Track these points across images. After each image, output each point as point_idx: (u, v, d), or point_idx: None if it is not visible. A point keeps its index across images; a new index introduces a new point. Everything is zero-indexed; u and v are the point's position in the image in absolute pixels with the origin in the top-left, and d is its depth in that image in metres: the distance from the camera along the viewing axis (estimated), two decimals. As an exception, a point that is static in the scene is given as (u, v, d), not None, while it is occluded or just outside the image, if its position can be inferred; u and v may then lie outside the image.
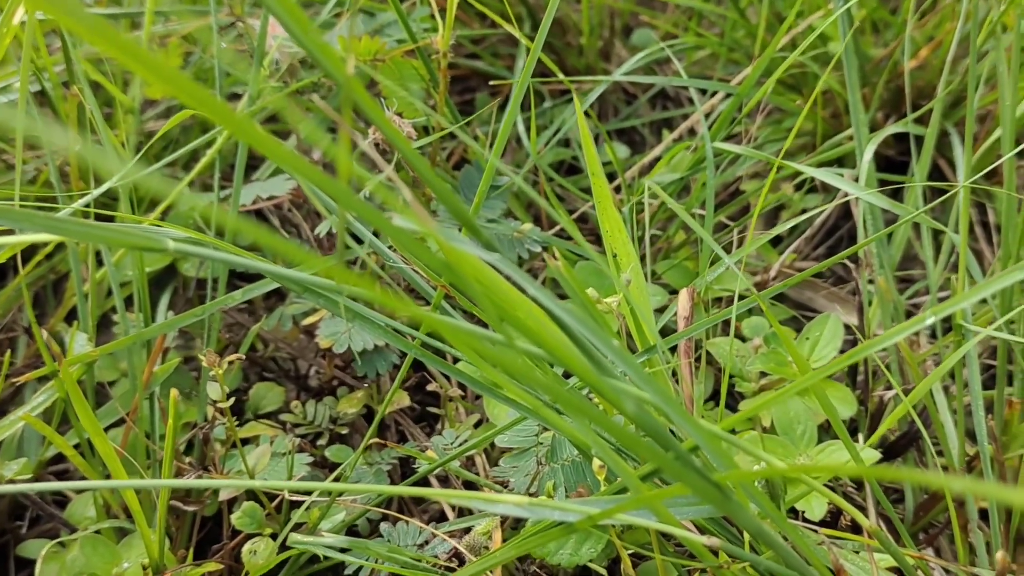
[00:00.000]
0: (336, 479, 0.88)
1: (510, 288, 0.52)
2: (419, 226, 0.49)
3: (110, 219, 0.85)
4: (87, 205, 0.75)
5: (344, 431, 0.91)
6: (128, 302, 0.96)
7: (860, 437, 0.86)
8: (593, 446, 0.60)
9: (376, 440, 0.77)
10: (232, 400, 0.77)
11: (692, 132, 1.16)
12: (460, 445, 0.82)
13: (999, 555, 0.60)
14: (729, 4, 1.12)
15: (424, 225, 0.48)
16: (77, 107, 0.82)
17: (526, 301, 0.53)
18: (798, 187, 1.12)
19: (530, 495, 0.79)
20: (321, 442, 0.90)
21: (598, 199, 0.67)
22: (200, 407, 0.91)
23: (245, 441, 0.90)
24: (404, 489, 0.66)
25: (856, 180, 0.88)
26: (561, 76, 1.00)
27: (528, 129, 1.09)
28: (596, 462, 0.64)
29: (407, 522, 0.80)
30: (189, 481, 0.74)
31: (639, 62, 1.03)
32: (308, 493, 0.79)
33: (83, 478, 0.87)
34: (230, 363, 0.76)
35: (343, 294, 0.63)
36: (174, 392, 0.66)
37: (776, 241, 1.10)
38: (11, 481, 0.77)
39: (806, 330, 0.89)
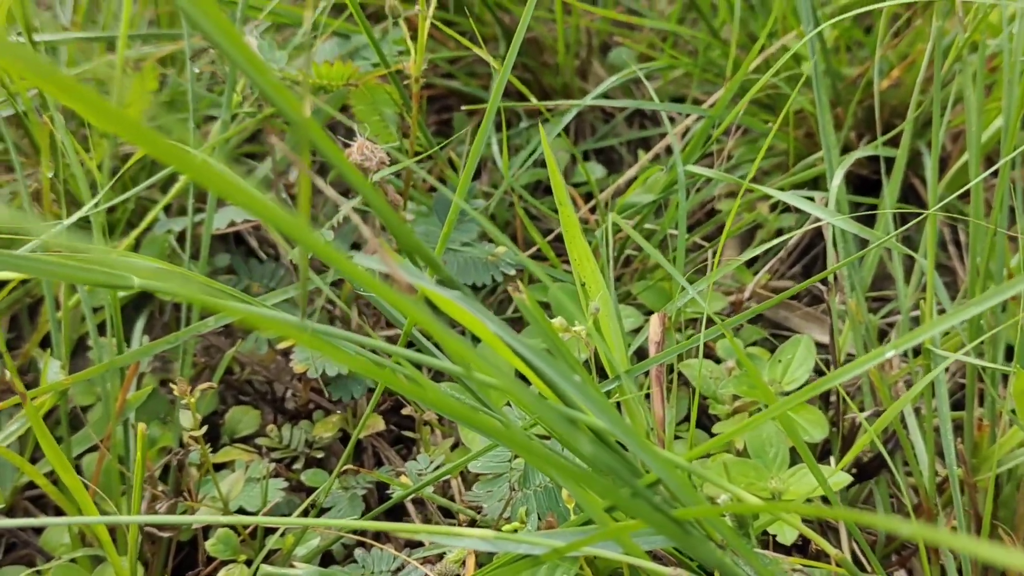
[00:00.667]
0: (312, 504, 0.88)
1: (475, 323, 0.53)
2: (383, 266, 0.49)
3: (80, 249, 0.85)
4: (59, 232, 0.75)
5: (320, 455, 0.91)
6: (103, 327, 0.96)
7: (832, 459, 0.87)
8: (559, 479, 0.61)
9: (351, 466, 0.78)
10: (206, 427, 0.77)
11: (669, 151, 1.17)
12: (434, 470, 0.82)
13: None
14: (702, 25, 1.12)
15: (388, 268, 0.48)
16: (50, 133, 0.83)
17: (490, 335, 0.54)
18: (773, 207, 1.12)
19: (504, 520, 0.79)
20: (297, 466, 0.90)
21: (566, 228, 0.67)
22: (176, 431, 0.91)
23: (221, 466, 0.90)
24: (371, 524, 0.66)
25: (827, 203, 0.88)
26: (533, 100, 1.00)
27: (507, 150, 1.09)
28: (564, 493, 0.65)
29: (381, 549, 0.80)
30: (160, 517, 0.74)
31: (615, 83, 1.03)
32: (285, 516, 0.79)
33: (57, 506, 0.87)
34: (203, 391, 0.76)
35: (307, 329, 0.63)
36: (141, 427, 0.66)
37: (752, 260, 1.11)
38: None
39: (779, 352, 0.89)
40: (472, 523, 0.81)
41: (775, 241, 0.82)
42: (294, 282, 0.98)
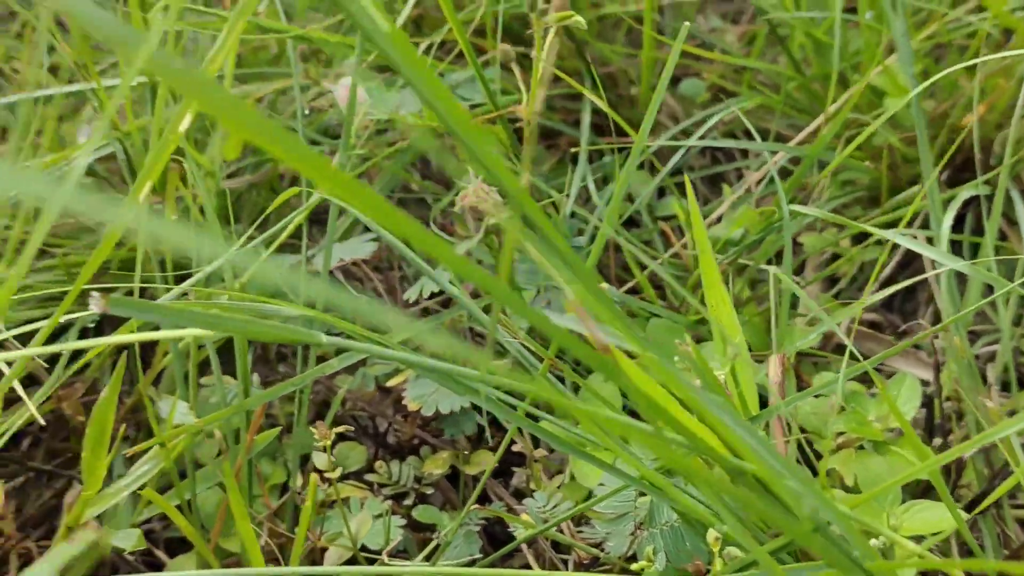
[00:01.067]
0: (427, 540, 0.89)
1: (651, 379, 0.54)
2: (582, 327, 0.50)
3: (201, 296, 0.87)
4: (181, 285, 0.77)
5: (429, 491, 0.92)
6: (204, 365, 0.97)
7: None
8: (727, 525, 0.62)
9: (477, 505, 0.79)
10: (339, 470, 0.78)
11: (747, 189, 1.18)
12: (552, 508, 0.84)
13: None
14: (784, 59, 1.14)
15: (588, 330, 0.49)
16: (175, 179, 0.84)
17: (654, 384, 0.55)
18: (855, 240, 1.14)
19: (623, 560, 0.81)
20: (407, 502, 0.92)
21: (705, 272, 0.69)
22: (285, 467, 0.92)
23: (332, 503, 0.91)
24: (514, 573, 0.67)
25: (930, 241, 0.90)
26: (632, 134, 1.02)
27: (593, 185, 1.11)
28: (711, 533, 0.66)
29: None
30: (328, 568, 0.75)
31: (705, 120, 1.05)
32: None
33: (184, 540, 0.88)
34: (339, 435, 0.78)
35: (484, 383, 0.64)
36: (314, 480, 0.67)
37: (836, 293, 1.12)
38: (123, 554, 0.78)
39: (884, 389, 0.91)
40: (594, 561, 0.82)
41: (885, 273, 0.84)
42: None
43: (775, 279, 0.89)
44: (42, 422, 0.73)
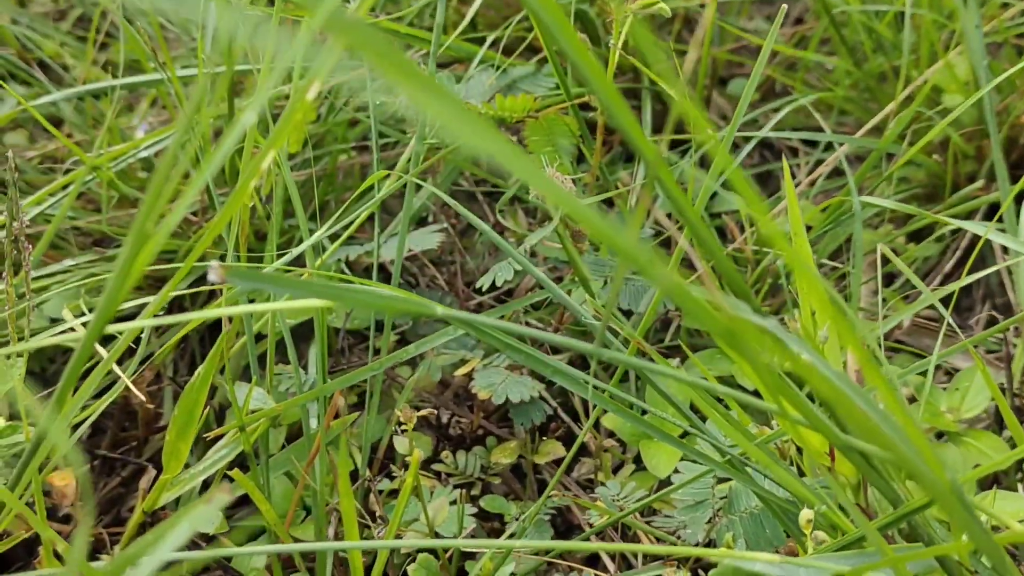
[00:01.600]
0: (494, 530, 0.89)
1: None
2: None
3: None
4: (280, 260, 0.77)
5: (496, 480, 0.92)
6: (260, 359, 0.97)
7: (1020, 487, 0.88)
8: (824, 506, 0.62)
9: (555, 492, 0.79)
10: (418, 452, 0.78)
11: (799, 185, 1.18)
12: (624, 497, 0.84)
13: None
14: (843, 55, 1.14)
15: (716, 298, 0.49)
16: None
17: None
18: (911, 237, 1.14)
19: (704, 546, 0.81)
20: (474, 492, 0.91)
21: (797, 256, 0.69)
22: (351, 456, 0.92)
23: (396, 491, 0.91)
24: (622, 546, 0.67)
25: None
26: (708, 131, 1.02)
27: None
28: (805, 514, 0.66)
29: (580, 571, 0.81)
30: (415, 540, 0.74)
31: (784, 113, 1.06)
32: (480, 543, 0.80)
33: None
34: (421, 418, 0.78)
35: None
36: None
37: (890, 285, 1.12)
38: (210, 537, 0.78)
39: (955, 381, 0.91)
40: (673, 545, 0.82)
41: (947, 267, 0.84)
42: (459, 308, 0.99)
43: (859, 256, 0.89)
44: (142, 397, 0.73)
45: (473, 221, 0.78)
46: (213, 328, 1.00)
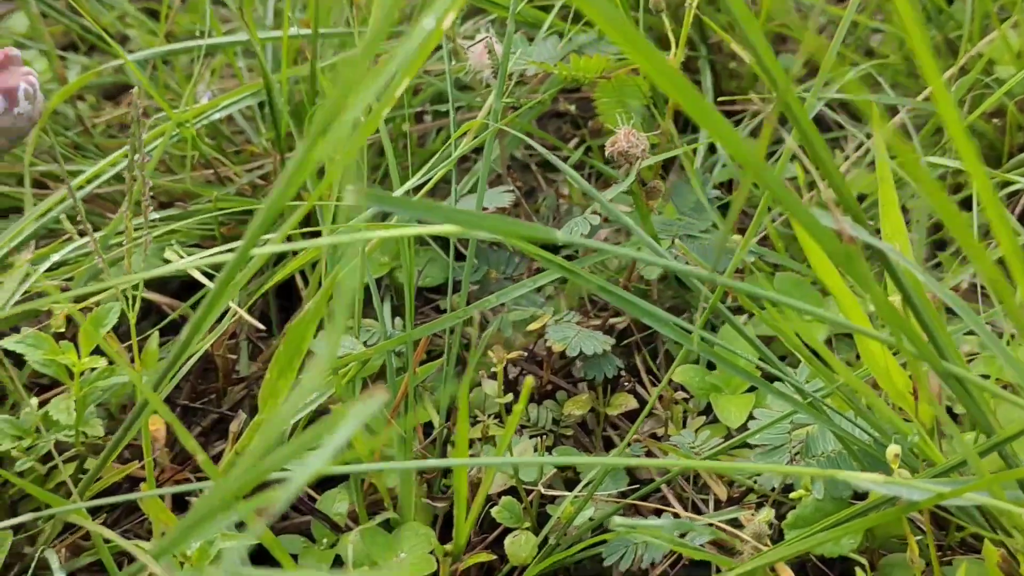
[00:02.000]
0: (570, 479, 0.92)
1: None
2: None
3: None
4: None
5: (568, 432, 0.94)
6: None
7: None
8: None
9: (638, 435, 0.81)
10: (510, 395, 0.80)
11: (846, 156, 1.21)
12: (700, 444, 0.86)
13: None
14: (896, 23, 1.17)
15: (837, 224, 0.52)
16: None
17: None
18: (962, 204, 1.16)
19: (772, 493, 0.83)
20: (547, 443, 0.94)
21: (884, 203, 0.71)
22: (427, 407, 0.94)
23: (473, 441, 0.93)
24: (709, 464, 0.69)
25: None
26: (755, 99, 1.04)
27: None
28: (891, 450, 0.68)
29: (660, 513, 0.84)
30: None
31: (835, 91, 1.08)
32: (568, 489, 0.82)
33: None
34: (510, 361, 0.80)
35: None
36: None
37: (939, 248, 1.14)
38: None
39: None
40: (747, 492, 0.84)
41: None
42: (526, 269, 1.01)
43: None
44: (259, 326, 0.76)
45: (563, 168, 0.81)
46: (281, 291, 1.02)
